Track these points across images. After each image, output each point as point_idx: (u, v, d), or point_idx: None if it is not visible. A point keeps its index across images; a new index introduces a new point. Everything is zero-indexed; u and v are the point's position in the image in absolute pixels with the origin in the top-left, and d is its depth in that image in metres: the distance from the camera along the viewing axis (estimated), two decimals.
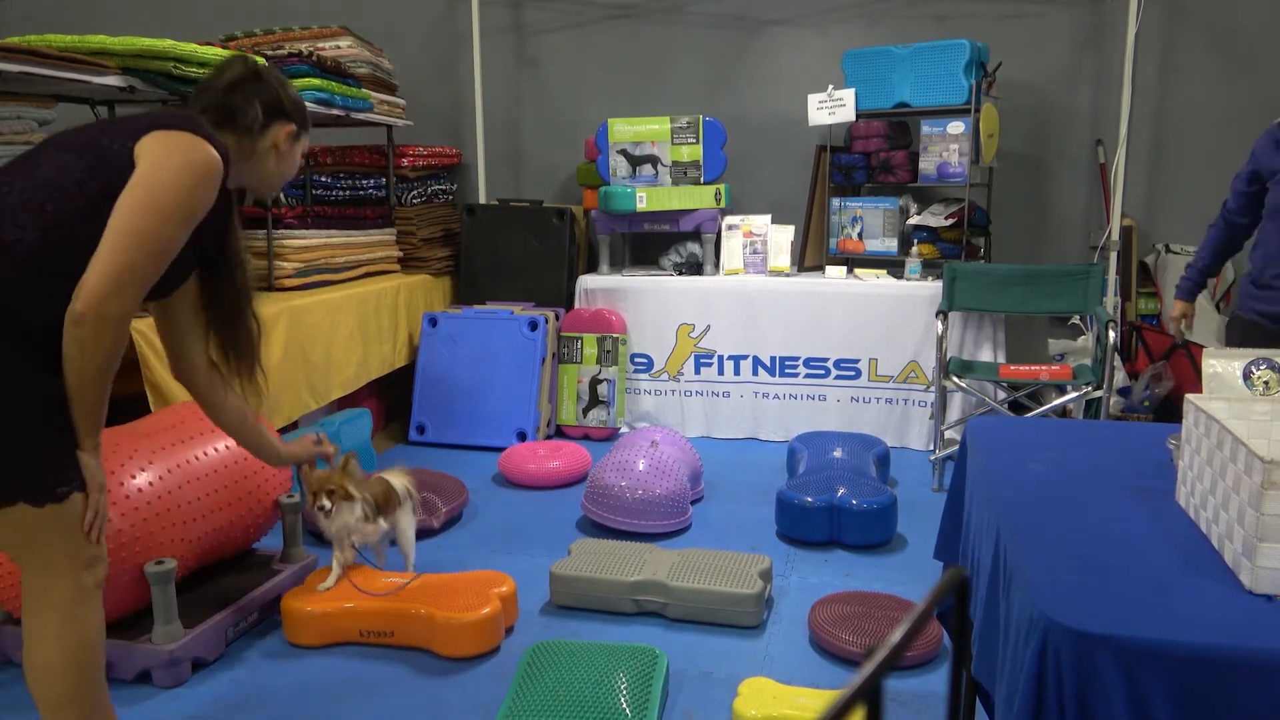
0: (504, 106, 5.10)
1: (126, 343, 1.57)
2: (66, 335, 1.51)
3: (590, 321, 4.41)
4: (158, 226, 1.52)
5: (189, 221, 1.57)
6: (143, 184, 1.51)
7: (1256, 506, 1.04)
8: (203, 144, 1.57)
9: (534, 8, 4.99)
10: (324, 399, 3.61)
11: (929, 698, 2.22)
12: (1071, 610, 1.01)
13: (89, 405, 1.58)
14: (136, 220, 1.50)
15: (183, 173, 1.53)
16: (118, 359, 1.56)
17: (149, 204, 1.51)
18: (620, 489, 3.17)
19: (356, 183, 4.46)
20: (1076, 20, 4.36)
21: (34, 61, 2.55)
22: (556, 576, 2.66)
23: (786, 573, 2.92)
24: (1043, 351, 4.45)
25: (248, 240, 3.60)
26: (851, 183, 4.39)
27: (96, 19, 5.51)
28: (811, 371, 4.28)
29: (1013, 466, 1.52)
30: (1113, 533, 1.24)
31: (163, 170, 1.52)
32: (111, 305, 1.49)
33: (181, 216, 1.55)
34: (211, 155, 1.58)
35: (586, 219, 4.72)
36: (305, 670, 2.35)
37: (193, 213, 1.56)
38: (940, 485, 3.70)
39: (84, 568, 1.64)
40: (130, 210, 1.50)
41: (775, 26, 4.72)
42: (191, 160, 1.55)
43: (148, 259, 1.52)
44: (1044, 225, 4.56)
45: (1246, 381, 1.49)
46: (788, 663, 2.39)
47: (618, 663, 2.17)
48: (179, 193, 1.53)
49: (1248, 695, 0.94)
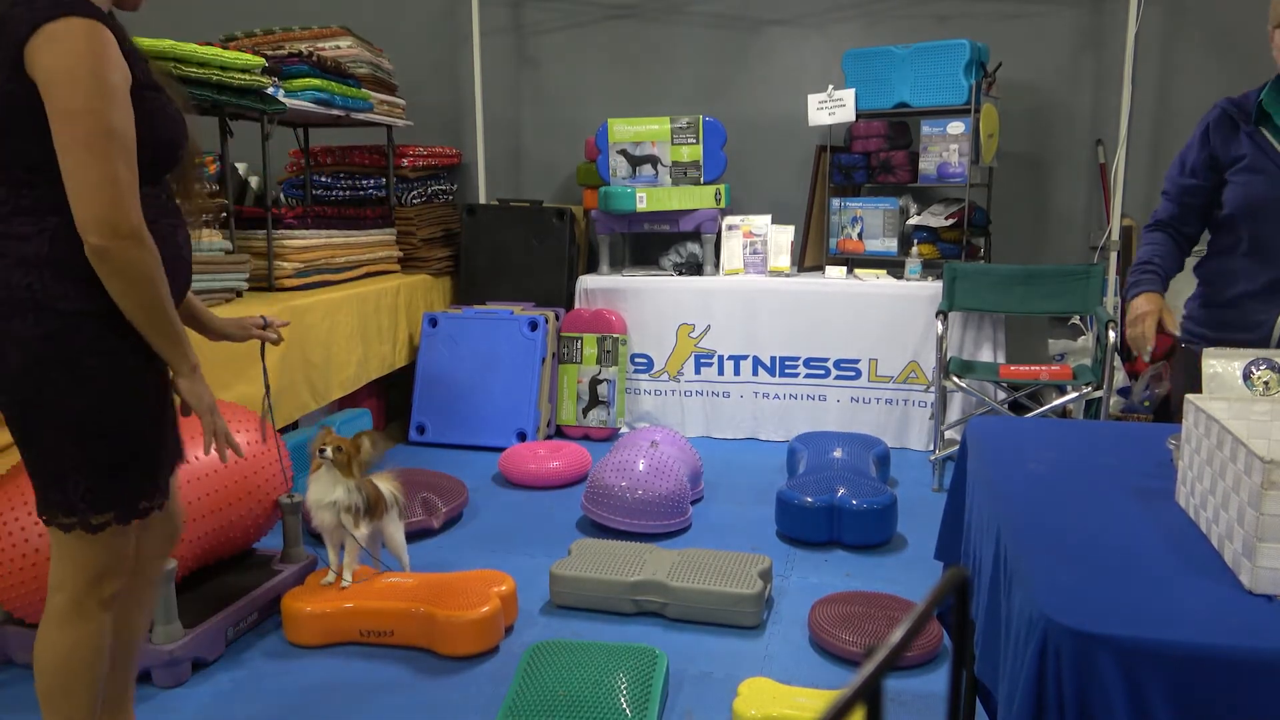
0: (504, 106, 5.10)
1: (158, 253, 1.51)
2: (104, 277, 1.47)
3: (590, 321, 4.41)
4: (98, 122, 1.42)
5: (121, 96, 1.45)
6: (59, 99, 1.41)
7: (1256, 506, 1.04)
8: (71, 19, 1.41)
9: (534, 8, 4.99)
10: (324, 399, 3.61)
11: (929, 698, 2.22)
12: (1071, 610, 1.01)
13: (167, 331, 1.54)
14: (78, 133, 1.41)
15: (79, 57, 1.40)
16: (162, 271, 1.52)
17: (78, 111, 1.41)
18: (620, 489, 3.17)
19: (356, 183, 4.46)
20: (1076, 20, 4.36)
21: None
22: (556, 576, 2.66)
23: (786, 573, 2.92)
24: (1043, 351, 4.45)
25: (248, 240, 3.64)
26: (851, 183, 4.39)
27: None
28: (811, 371, 4.28)
29: (1013, 466, 1.51)
30: (1113, 533, 1.24)
31: (64, 75, 1.40)
32: (120, 221, 1.44)
33: (111, 96, 1.43)
34: (88, 26, 1.42)
35: (586, 219, 4.72)
36: (305, 670, 2.35)
37: (116, 86, 1.44)
38: (940, 485, 3.70)
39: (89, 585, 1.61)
40: (65, 128, 1.41)
41: (775, 26, 4.72)
42: (70, 44, 1.40)
43: (116, 156, 1.43)
44: (1044, 225, 4.56)
45: (1246, 381, 1.49)
46: (788, 663, 2.39)
47: (618, 663, 2.17)
48: (91, 76, 1.41)
49: (1248, 695, 0.94)
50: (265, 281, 3.63)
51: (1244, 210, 2.01)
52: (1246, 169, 2.01)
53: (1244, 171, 2.01)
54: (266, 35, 4.22)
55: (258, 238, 3.64)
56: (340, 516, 2.49)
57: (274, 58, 3.68)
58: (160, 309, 1.52)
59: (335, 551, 2.56)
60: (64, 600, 1.61)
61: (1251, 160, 2.00)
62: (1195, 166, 2.11)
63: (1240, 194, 2.02)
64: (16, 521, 2.13)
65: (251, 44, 4.13)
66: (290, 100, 3.67)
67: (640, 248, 4.94)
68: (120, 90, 1.45)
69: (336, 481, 2.48)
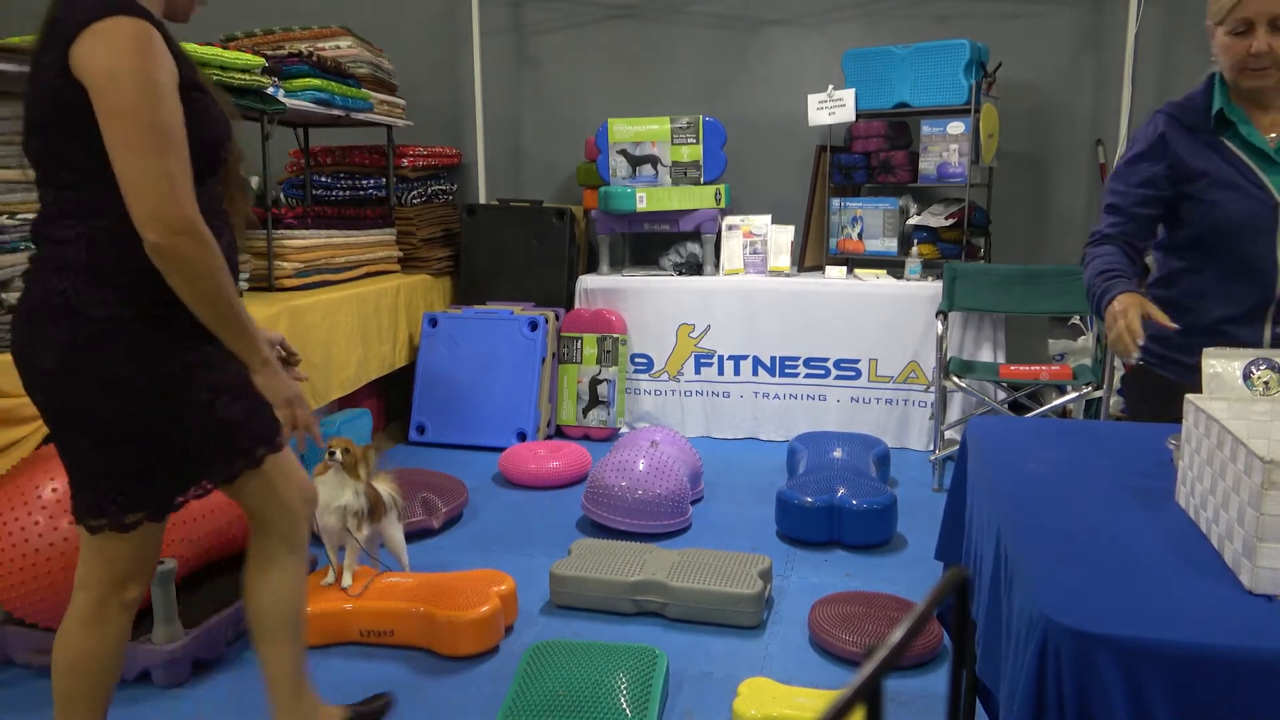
0: (504, 106, 5.10)
1: (218, 247, 1.50)
2: (166, 276, 1.47)
3: (590, 321, 4.41)
4: (151, 119, 1.42)
5: (170, 93, 1.46)
6: (108, 97, 1.41)
7: (1256, 506, 1.04)
8: (119, 18, 1.42)
9: (534, 8, 4.99)
10: (324, 399, 3.61)
11: (929, 698, 2.22)
12: (1071, 610, 1.01)
13: (234, 326, 1.54)
14: (128, 130, 1.41)
15: (128, 55, 1.41)
16: (224, 264, 1.51)
17: (126, 108, 1.41)
18: (620, 489, 3.17)
19: (356, 183, 4.46)
20: (1076, 20, 4.36)
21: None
22: (556, 576, 2.66)
23: (786, 573, 2.92)
24: (1043, 351, 4.45)
25: (248, 240, 3.64)
26: (851, 183, 4.39)
27: None
28: (811, 371, 4.28)
29: (1013, 466, 1.51)
30: (1113, 533, 1.24)
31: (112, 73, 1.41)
32: (173, 216, 1.43)
33: (162, 94, 1.44)
34: (135, 24, 1.43)
35: (586, 219, 4.72)
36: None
37: (164, 83, 1.45)
38: (940, 485, 3.70)
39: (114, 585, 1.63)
40: (115, 126, 1.41)
41: (775, 26, 4.72)
42: (119, 43, 1.41)
43: (167, 151, 1.43)
44: (1044, 225, 4.56)
45: (1246, 381, 1.49)
46: (787, 663, 2.39)
47: (618, 663, 2.17)
48: (140, 74, 1.41)
49: (1248, 695, 0.94)
50: (265, 281, 3.63)
51: (1218, 230, 1.84)
52: (1215, 184, 1.83)
53: (1213, 187, 1.83)
54: (266, 35, 4.22)
55: (258, 238, 3.64)
56: (346, 520, 2.49)
57: (274, 58, 3.68)
58: (226, 303, 1.52)
59: (335, 553, 2.56)
60: (88, 600, 1.63)
61: (1220, 175, 1.83)
62: (1153, 178, 1.90)
63: (1212, 213, 1.84)
64: (16, 521, 2.13)
65: (251, 44, 4.13)
66: (290, 100, 3.67)
67: (640, 248, 4.94)
68: (168, 87, 1.45)
69: (344, 484, 2.48)
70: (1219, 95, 1.87)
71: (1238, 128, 1.84)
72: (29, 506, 2.14)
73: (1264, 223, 1.80)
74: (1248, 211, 1.81)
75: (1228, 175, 1.83)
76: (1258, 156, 1.82)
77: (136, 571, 1.64)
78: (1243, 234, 1.82)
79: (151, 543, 1.64)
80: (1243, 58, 1.79)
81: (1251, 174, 1.82)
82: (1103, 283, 1.85)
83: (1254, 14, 1.75)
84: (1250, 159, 1.82)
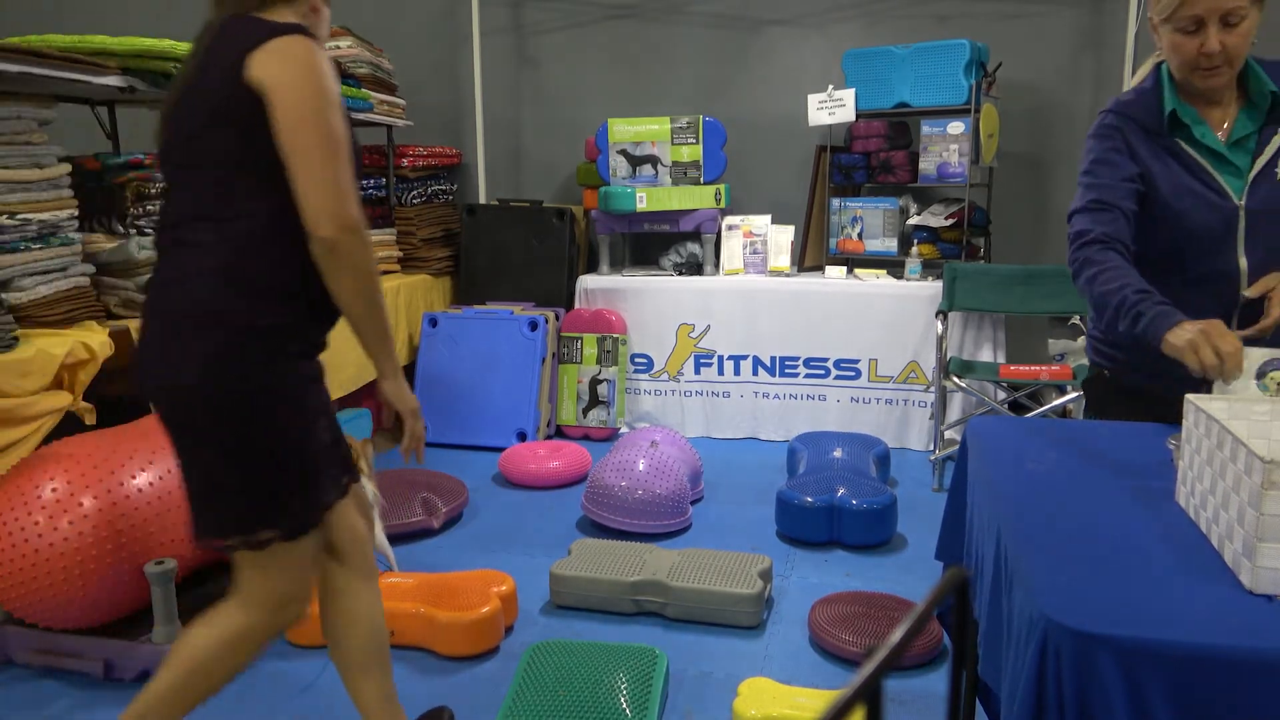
0: (504, 106, 5.10)
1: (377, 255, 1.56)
2: (327, 272, 1.52)
3: (590, 321, 4.41)
4: (327, 126, 1.50)
5: (340, 105, 1.55)
6: (291, 105, 1.48)
7: (1256, 506, 1.04)
8: (296, 36, 1.52)
9: (534, 8, 4.99)
10: None
11: (929, 698, 2.22)
12: (1071, 610, 1.01)
13: (380, 330, 1.59)
14: (311, 136, 1.48)
15: (309, 69, 1.50)
16: (378, 273, 1.57)
17: (309, 116, 1.48)
18: (620, 489, 3.17)
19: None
20: (1076, 20, 4.36)
21: (34, 61, 2.55)
22: (556, 576, 2.66)
23: (786, 573, 2.92)
24: (1043, 351, 4.45)
25: None
26: (851, 183, 4.39)
27: (96, 19, 5.51)
28: (811, 371, 4.28)
29: (1013, 466, 1.51)
30: (1113, 533, 1.24)
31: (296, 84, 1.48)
32: (347, 214, 1.50)
33: (335, 105, 1.53)
34: (308, 40, 1.53)
35: (586, 219, 4.72)
36: (305, 670, 2.35)
37: (336, 95, 1.55)
38: (940, 485, 3.70)
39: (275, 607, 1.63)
40: (298, 132, 1.48)
41: (775, 26, 4.72)
42: (301, 56, 1.50)
43: (339, 158, 1.51)
44: (1044, 225, 4.56)
45: (1259, 382, 1.48)
46: (787, 663, 2.39)
47: (618, 663, 2.17)
48: (319, 86, 1.50)
49: (1248, 695, 0.94)
50: None
51: (1181, 240, 1.75)
52: (1176, 193, 1.74)
53: (1174, 197, 1.74)
54: None
55: None
56: None
57: None
58: (379, 305, 1.58)
59: None
60: (245, 623, 1.62)
61: (1179, 182, 1.74)
62: (1132, 175, 1.77)
63: (1175, 223, 1.74)
64: (16, 522, 2.13)
65: None
66: None
67: (640, 248, 4.94)
68: (339, 100, 1.55)
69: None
70: (1169, 96, 1.76)
71: (1191, 129, 1.75)
72: (29, 506, 2.14)
73: (1225, 228, 1.73)
74: (1209, 220, 1.74)
75: (1185, 183, 1.75)
76: (1212, 157, 1.74)
77: (294, 596, 1.63)
78: (1204, 241, 1.75)
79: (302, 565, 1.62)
80: (1194, 57, 1.68)
81: (1208, 177, 1.74)
82: (1148, 304, 1.61)
83: (1204, 11, 1.64)
84: (1205, 159, 1.74)
